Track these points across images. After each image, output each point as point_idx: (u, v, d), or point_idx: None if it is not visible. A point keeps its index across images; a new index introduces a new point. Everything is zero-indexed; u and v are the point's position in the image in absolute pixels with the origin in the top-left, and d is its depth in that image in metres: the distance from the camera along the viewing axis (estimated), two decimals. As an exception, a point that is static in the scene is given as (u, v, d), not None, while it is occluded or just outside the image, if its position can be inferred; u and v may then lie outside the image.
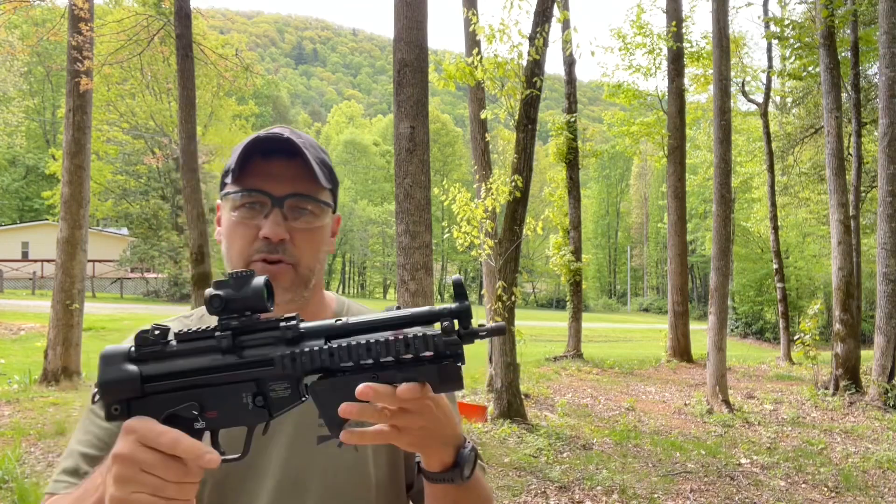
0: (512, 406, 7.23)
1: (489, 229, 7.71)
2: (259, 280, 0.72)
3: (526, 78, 7.25)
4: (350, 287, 64.35)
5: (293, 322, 0.72)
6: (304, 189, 0.99)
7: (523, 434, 6.83)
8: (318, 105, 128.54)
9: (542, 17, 7.31)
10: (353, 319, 0.72)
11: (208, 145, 31.62)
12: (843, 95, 12.04)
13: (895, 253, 8.88)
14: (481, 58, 7.83)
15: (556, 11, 8.04)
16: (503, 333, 0.71)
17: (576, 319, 13.90)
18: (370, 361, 0.69)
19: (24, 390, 8.29)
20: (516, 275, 7.40)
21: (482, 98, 10.02)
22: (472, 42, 8.78)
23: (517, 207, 7.31)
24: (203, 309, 1.14)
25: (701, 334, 12.94)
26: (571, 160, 13.78)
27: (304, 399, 0.72)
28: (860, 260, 12.20)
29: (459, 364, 0.70)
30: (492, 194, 7.38)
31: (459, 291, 0.70)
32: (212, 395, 0.71)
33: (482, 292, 9.86)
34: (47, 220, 34.94)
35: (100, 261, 30.85)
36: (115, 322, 17.98)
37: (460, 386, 0.71)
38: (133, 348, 0.72)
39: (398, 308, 0.74)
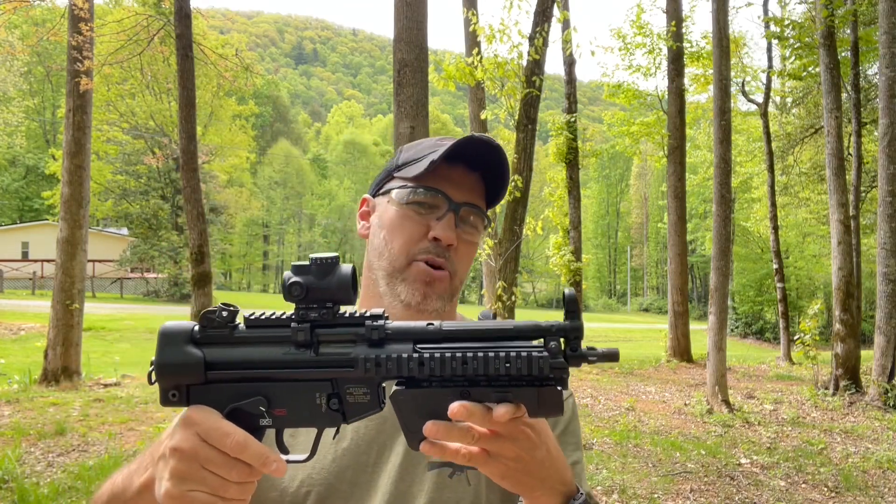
0: (512, 406, 7.21)
1: (489, 230, 7.72)
2: (346, 268, 0.65)
3: (526, 78, 7.26)
4: (350, 287, 64.26)
5: (380, 321, 0.65)
6: (478, 201, 0.99)
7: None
8: (318, 105, 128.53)
9: (542, 17, 7.32)
10: (447, 325, 0.65)
11: (208, 145, 31.65)
12: (843, 95, 12.03)
13: (895, 253, 8.88)
14: (481, 58, 7.83)
15: (556, 11, 8.04)
16: (617, 360, 0.63)
17: (576, 319, 13.88)
18: (462, 376, 0.62)
19: (24, 390, 8.29)
20: (516, 275, 7.40)
21: (482, 98, 10.02)
22: (472, 42, 8.78)
23: (517, 207, 7.31)
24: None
25: (701, 334, 12.94)
26: (571, 160, 13.79)
27: (381, 407, 0.67)
28: (860, 260, 12.20)
29: (561, 389, 0.63)
30: (492, 194, 7.38)
31: (571, 308, 0.63)
32: (282, 392, 0.65)
33: (482, 292, 9.87)
34: (47, 220, 34.95)
35: (100, 261, 30.85)
36: (115, 322, 17.98)
37: (560, 412, 0.63)
38: (197, 328, 0.66)
39: (494, 315, 0.68)
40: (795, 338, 10.73)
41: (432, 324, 0.65)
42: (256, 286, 61.29)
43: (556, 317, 0.66)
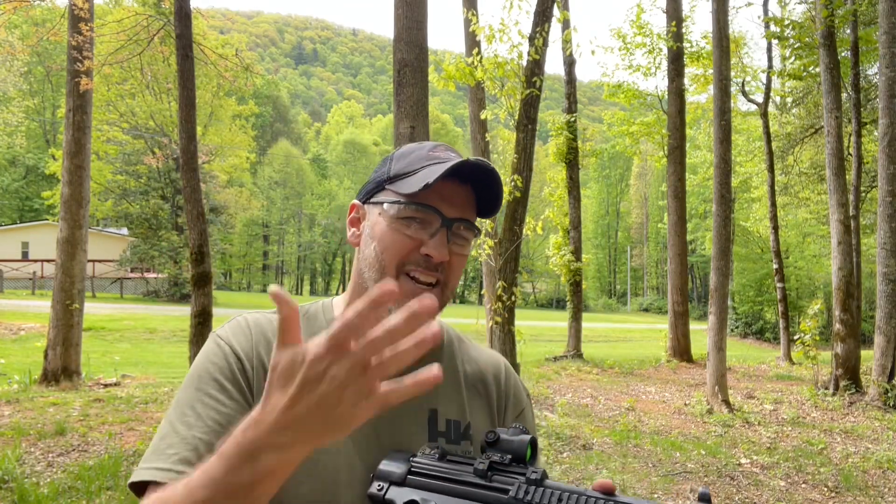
0: (512, 406, 7.21)
1: (489, 229, 7.71)
2: (525, 438, 0.79)
3: (526, 78, 7.25)
4: (350, 287, 64.30)
5: (537, 475, 0.75)
6: (470, 216, 0.99)
7: (523, 434, 6.82)
8: (318, 105, 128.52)
9: (542, 17, 7.32)
10: (591, 493, 0.72)
11: (208, 145, 31.65)
12: (843, 95, 12.04)
13: (895, 253, 8.88)
14: (481, 58, 7.83)
15: (556, 11, 8.05)
16: None
17: (576, 319, 13.90)
18: None
19: (24, 390, 8.29)
20: (516, 275, 7.40)
21: (482, 98, 10.03)
22: (472, 42, 8.78)
23: (517, 207, 7.31)
24: (310, 307, 1.08)
25: (701, 334, 12.95)
26: (571, 160, 13.79)
27: None
28: (860, 260, 12.20)
29: None
30: (492, 194, 7.38)
31: None
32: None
33: (482, 292, 9.86)
34: (47, 220, 34.95)
35: (100, 261, 30.85)
36: (115, 322, 17.99)
37: None
38: (411, 456, 0.83)
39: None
40: (795, 338, 10.73)
41: (582, 495, 0.73)
42: (256, 286, 61.27)
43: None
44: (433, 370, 0.58)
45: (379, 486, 0.81)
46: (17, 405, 7.34)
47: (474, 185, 0.98)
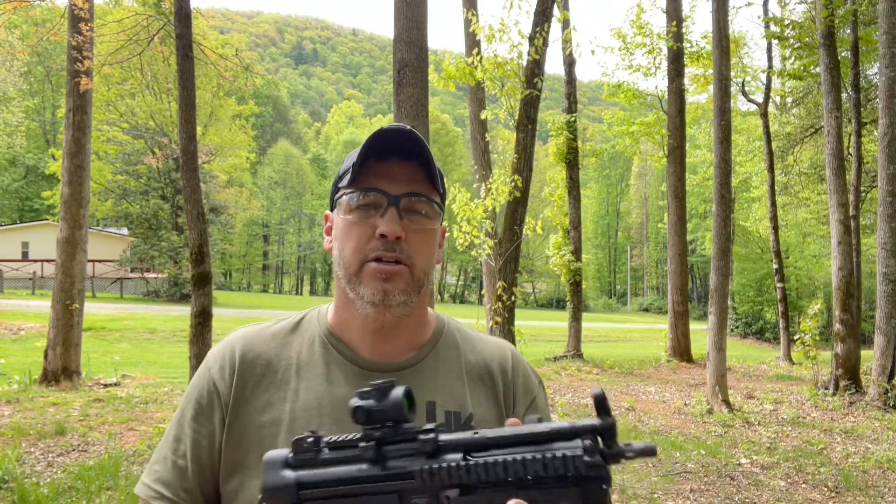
0: (512, 406, 7.21)
1: (489, 229, 7.71)
2: (398, 392, 0.73)
3: (526, 78, 7.26)
4: (350, 287, 64.30)
5: (432, 435, 0.72)
6: (420, 189, 0.98)
7: (523, 434, 6.82)
8: (318, 105, 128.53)
9: (542, 17, 7.32)
10: (490, 433, 0.70)
11: (208, 145, 31.65)
12: (843, 95, 12.03)
13: (895, 253, 8.88)
14: (481, 58, 7.84)
15: (556, 11, 8.05)
16: (654, 454, 0.66)
17: (576, 319, 13.90)
18: (509, 479, 0.68)
19: (24, 390, 8.29)
20: (516, 275, 7.40)
21: (482, 98, 10.03)
22: (472, 42, 8.78)
23: (517, 207, 7.31)
24: (287, 316, 1.13)
25: (701, 334, 12.94)
26: (571, 160, 13.79)
27: None
28: (860, 260, 12.20)
29: (605, 487, 0.66)
30: (492, 194, 7.38)
31: (602, 406, 0.66)
32: None
33: (482, 292, 9.86)
34: (47, 220, 34.95)
35: (100, 261, 30.85)
36: (115, 322, 17.98)
37: None
38: (291, 454, 0.76)
39: (539, 419, 0.73)
40: (795, 338, 10.73)
41: (477, 432, 0.71)
42: (256, 286, 61.30)
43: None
44: None
45: None
46: (17, 405, 7.34)
47: (419, 159, 0.98)
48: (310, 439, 0.76)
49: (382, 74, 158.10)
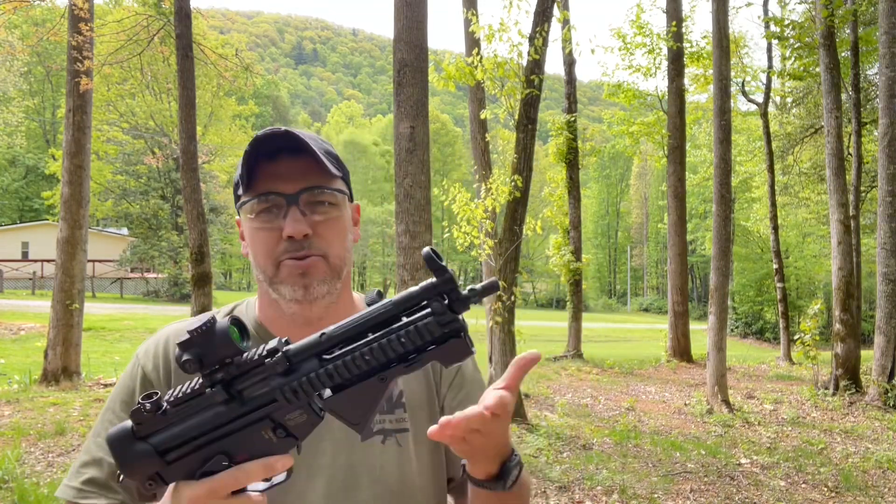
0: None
1: (489, 229, 7.71)
2: (222, 324, 0.69)
3: (526, 78, 7.25)
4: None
5: (278, 354, 0.69)
6: (316, 181, 0.98)
7: (523, 434, 6.84)
8: (318, 105, 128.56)
9: (542, 16, 7.31)
10: (333, 328, 0.69)
11: (208, 145, 31.64)
12: (843, 95, 12.03)
13: (895, 253, 8.88)
14: (481, 58, 7.82)
15: (555, 11, 8.04)
16: (497, 289, 0.68)
17: (576, 319, 13.90)
18: (374, 365, 0.68)
19: (24, 390, 8.29)
20: (516, 275, 7.40)
21: (482, 98, 10.02)
22: (472, 42, 8.77)
23: (517, 207, 7.30)
24: (220, 310, 1.14)
25: (701, 334, 12.94)
26: (571, 160, 13.79)
27: (322, 415, 0.72)
28: (860, 260, 12.21)
29: (462, 334, 0.68)
30: (492, 194, 7.38)
31: (433, 265, 0.66)
32: (234, 442, 0.71)
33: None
34: (47, 220, 34.94)
35: (100, 261, 30.84)
36: (115, 322, 17.98)
37: (469, 353, 0.69)
38: (133, 426, 0.71)
39: (378, 294, 0.72)
40: (795, 338, 10.72)
41: (324, 333, 0.70)
42: (256, 286, 61.24)
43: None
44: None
45: (149, 484, 0.72)
46: (17, 405, 7.34)
47: (306, 151, 0.97)
48: (148, 405, 0.70)
49: (382, 74, 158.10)
